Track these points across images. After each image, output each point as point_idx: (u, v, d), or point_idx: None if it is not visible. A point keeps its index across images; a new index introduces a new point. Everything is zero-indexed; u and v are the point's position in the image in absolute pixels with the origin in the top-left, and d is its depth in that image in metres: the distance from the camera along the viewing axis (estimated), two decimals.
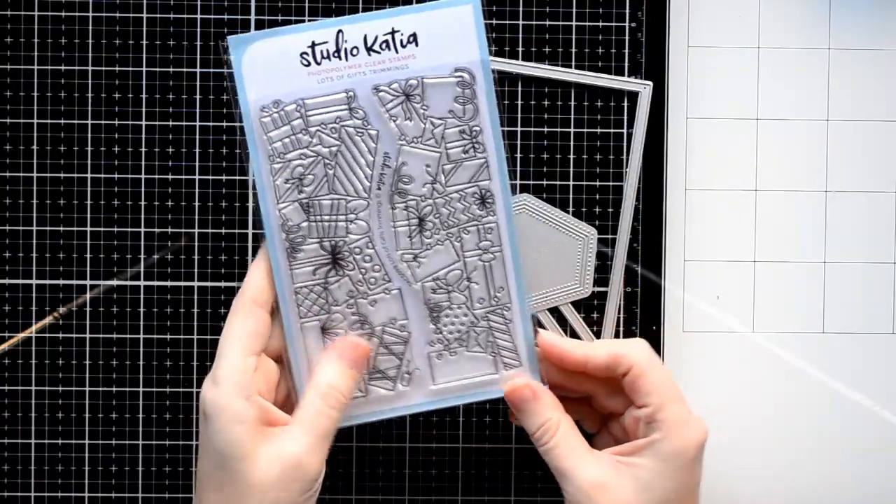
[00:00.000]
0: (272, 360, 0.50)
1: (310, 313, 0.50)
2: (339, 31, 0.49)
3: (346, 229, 0.50)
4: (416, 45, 0.49)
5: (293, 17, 0.56)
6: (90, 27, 0.57)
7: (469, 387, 0.52)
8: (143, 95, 0.57)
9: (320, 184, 0.50)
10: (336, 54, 0.49)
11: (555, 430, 0.50)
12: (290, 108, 0.49)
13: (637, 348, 0.50)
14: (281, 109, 0.49)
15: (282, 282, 0.50)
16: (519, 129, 0.57)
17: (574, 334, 0.57)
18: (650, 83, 0.56)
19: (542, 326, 0.57)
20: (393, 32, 0.49)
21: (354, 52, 0.49)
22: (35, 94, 0.57)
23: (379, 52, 0.49)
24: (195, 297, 0.57)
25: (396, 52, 0.49)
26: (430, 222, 0.51)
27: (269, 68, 0.49)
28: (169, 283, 0.57)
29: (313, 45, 0.49)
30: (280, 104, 0.49)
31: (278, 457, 0.46)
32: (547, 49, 0.57)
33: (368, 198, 0.50)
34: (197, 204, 0.57)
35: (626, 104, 0.57)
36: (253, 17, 0.56)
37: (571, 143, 0.57)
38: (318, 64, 0.49)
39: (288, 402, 0.50)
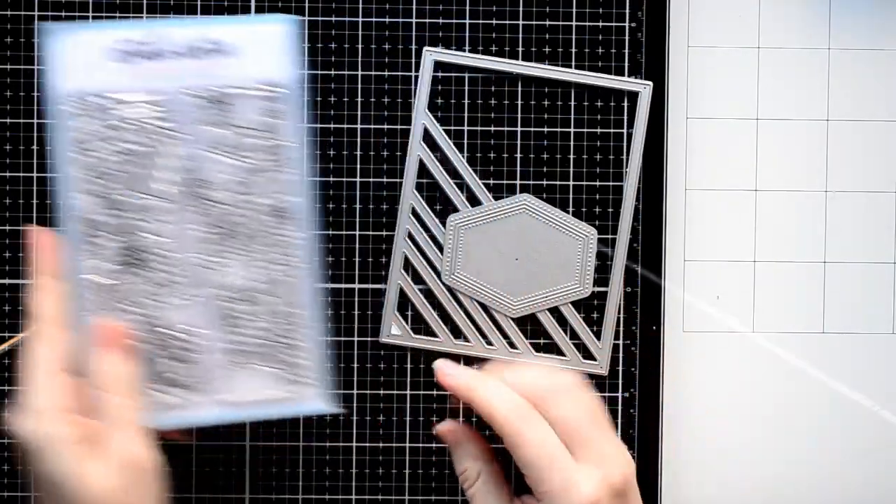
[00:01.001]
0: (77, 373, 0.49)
1: (95, 309, 0.49)
2: (157, 32, 0.49)
3: (143, 228, 0.49)
4: (233, 56, 0.49)
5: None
6: None
7: (257, 402, 0.51)
8: None
9: (121, 179, 0.49)
10: (151, 55, 0.49)
11: (473, 481, 0.51)
12: (98, 100, 0.49)
13: (507, 415, 0.48)
14: (88, 100, 0.49)
15: (70, 274, 0.49)
16: (519, 129, 0.57)
17: (574, 334, 0.57)
18: (650, 83, 0.56)
19: (538, 326, 0.57)
20: (210, 41, 0.49)
21: (170, 54, 0.49)
22: (35, 93, 0.57)
23: (194, 59, 0.49)
24: None
25: (212, 60, 0.49)
26: (232, 232, 0.50)
27: (81, 59, 0.49)
28: None
29: (129, 43, 0.49)
30: (87, 95, 0.49)
31: (112, 463, 0.46)
32: (547, 49, 0.57)
33: (168, 200, 0.49)
34: None
35: (626, 104, 0.57)
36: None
37: (571, 143, 0.57)
38: (132, 62, 0.49)
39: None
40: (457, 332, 0.57)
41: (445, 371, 0.51)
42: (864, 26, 0.58)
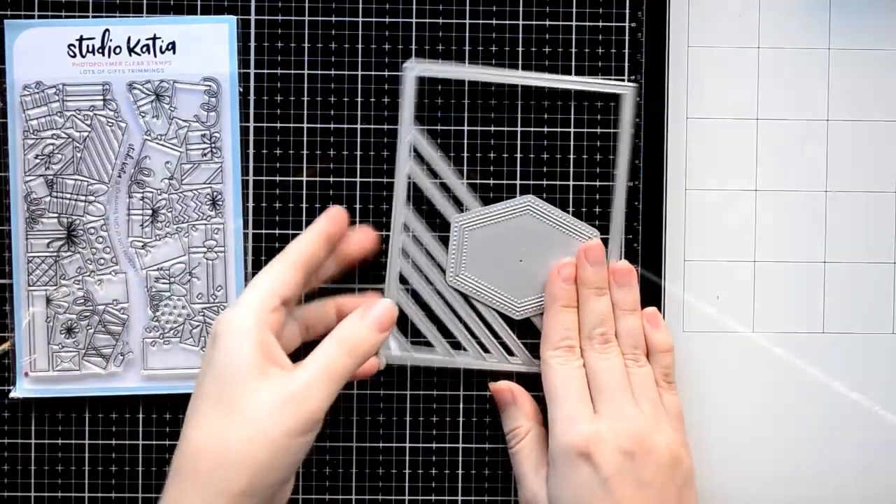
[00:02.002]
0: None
1: (38, 282, 0.55)
2: (107, 29, 0.54)
3: (85, 210, 0.55)
4: (174, 52, 0.55)
5: (293, 18, 0.56)
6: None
7: (178, 377, 0.55)
8: None
9: (67, 164, 0.55)
10: (100, 50, 0.54)
11: (521, 438, 0.54)
12: (50, 91, 0.54)
13: (554, 348, 0.54)
14: (42, 91, 0.54)
15: (17, 249, 0.55)
16: (519, 129, 0.57)
17: None
18: (634, 84, 0.56)
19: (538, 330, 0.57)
20: (154, 38, 0.55)
21: (117, 50, 0.54)
22: None
23: (139, 54, 0.54)
24: None
25: (155, 56, 0.55)
26: (163, 215, 0.55)
27: (37, 53, 0.54)
28: None
29: (81, 39, 0.54)
30: (42, 86, 0.54)
31: (283, 386, 0.46)
32: (547, 49, 0.57)
33: (108, 184, 0.55)
34: None
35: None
36: (253, 17, 0.56)
37: (571, 143, 0.57)
38: (83, 56, 0.54)
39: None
40: (456, 345, 0.56)
41: (560, 270, 0.55)
42: (864, 26, 0.58)
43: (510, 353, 0.56)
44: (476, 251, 0.56)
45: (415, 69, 0.55)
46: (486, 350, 0.56)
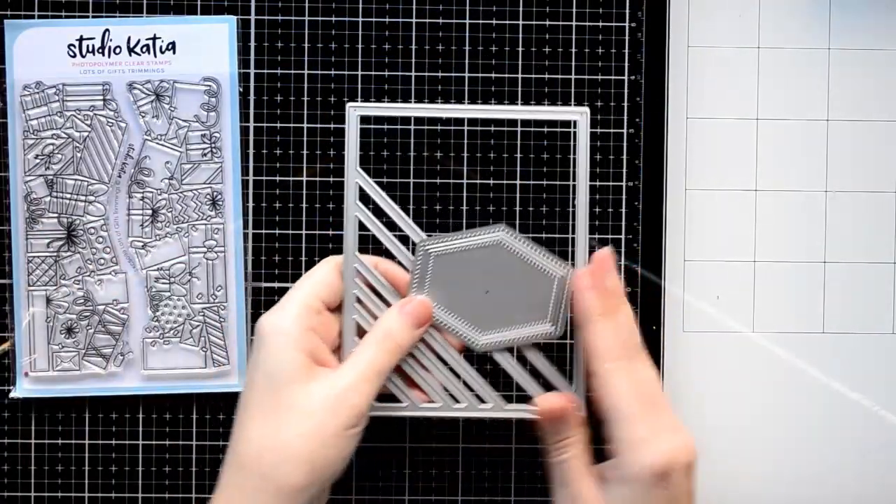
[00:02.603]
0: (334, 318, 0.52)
1: (38, 283, 0.55)
2: (107, 29, 0.55)
3: (85, 210, 0.55)
4: (174, 52, 0.55)
5: (293, 18, 0.56)
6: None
7: (179, 377, 0.56)
8: None
9: (67, 164, 0.55)
10: (101, 50, 0.55)
11: (570, 446, 0.51)
12: (51, 91, 0.55)
13: (605, 360, 0.49)
14: (42, 91, 0.54)
15: (17, 249, 0.55)
16: (519, 129, 0.57)
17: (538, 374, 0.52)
18: (587, 110, 0.51)
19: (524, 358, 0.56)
20: (154, 38, 0.55)
21: (117, 50, 0.55)
22: None
23: (139, 54, 0.55)
24: None
25: (155, 56, 0.55)
26: (164, 215, 0.55)
27: (37, 53, 0.55)
28: None
29: (81, 39, 0.55)
30: (42, 86, 0.55)
31: (330, 385, 0.48)
32: (547, 49, 0.57)
33: (108, 184, 0.55)
34: None
35: (626, 104, 0.57)
36: (253, 17, 0.56)
37: (571, 142, 0.57)
38: (83, 56, 0.55)
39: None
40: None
41: (581, 285, 0.50)
42: (864, 26, 0.58)
43: (480, 400, 0.52)
44: (440, 277, 0.51)
45: (358, 109, 0.51)
46: (456, 400, 0.52)
